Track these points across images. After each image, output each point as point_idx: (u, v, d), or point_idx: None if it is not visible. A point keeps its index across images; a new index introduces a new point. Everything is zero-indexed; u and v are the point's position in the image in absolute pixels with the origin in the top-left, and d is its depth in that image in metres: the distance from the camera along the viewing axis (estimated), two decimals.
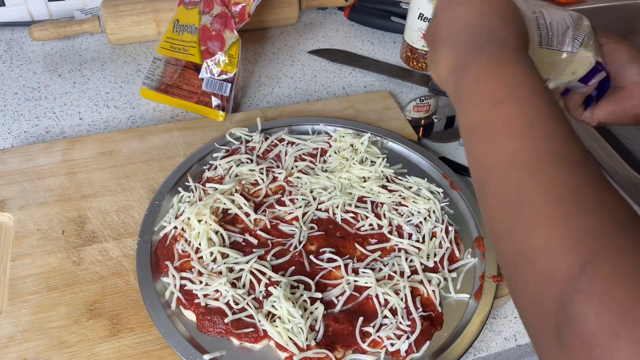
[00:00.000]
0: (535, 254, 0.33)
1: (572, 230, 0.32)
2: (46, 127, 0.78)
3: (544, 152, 0.36)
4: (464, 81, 0.43)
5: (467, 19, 0.47)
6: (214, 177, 0.67)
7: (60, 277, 0.58)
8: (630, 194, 0.73)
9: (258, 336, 0.53)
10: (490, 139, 0.39)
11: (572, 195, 0.34)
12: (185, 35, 0.80)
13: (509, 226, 0.36)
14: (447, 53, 0.47)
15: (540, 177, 0.35)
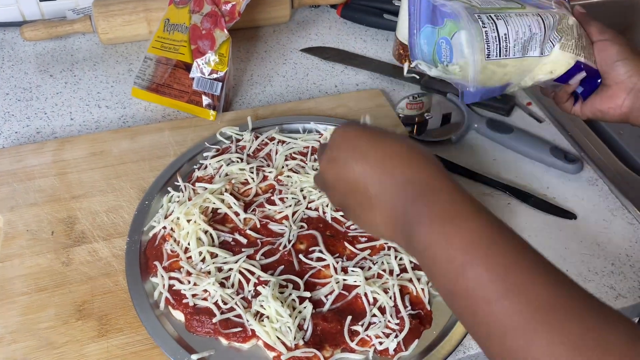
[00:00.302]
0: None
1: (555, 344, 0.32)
2: (37, 127, 0.78)
3: (533, 310, 0.34)
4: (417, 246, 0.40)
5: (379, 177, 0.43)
6: (203, 176, 0.67)
7: (49, 278, 0.58)
8: (621, 189, 0.73)
9: (246, 336, 0.53)
10: (471, 307, 0.36)
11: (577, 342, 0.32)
12: (176, 35, 0.79)
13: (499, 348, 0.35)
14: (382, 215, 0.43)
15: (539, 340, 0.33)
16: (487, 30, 0.58)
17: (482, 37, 0.57)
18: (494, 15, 0.59)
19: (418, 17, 0.65)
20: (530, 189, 0.73)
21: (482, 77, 0.60)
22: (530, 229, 0.68)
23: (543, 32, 0.60)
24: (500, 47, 0.58)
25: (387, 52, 0.95)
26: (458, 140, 0.78)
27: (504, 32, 0.58)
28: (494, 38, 0.58)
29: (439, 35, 0.63)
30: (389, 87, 0.88)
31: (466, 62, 0.60)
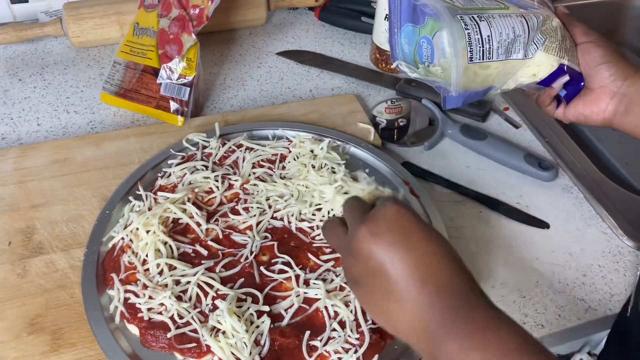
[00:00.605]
0: None
1: None
2: (2, 133, 0.76)
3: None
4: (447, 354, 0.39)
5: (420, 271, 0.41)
6: (166, 185, 0.66)
7: (2, 291, 0.57)
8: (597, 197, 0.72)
9: (201, 351, 0.51)
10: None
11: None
12: (144, 39, 0.78)
13: None
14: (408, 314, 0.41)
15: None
16: (470, 32, 0.56)
17: (464, 39, 0.56)
18: (476, 16, 0.57)
19: (398, 15, 0.64)
20: (504, 197, 0.71)
21: (465, 81, 0.58)
22: (501, 238, 0.67)
23: (527, 34, 0.58)
24: (484, 50, 0.57)
25: (365, 56, 0.94)
26: (431, 146, 0.77)
27: (487, 34, 0.57)
28: (477, 40, 0.56)
29: (420, 35, 0.62)
30: (364, 92, 0.87)
31: (448, 63, 0.58)
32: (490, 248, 0.66)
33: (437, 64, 0.61)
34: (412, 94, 0.83)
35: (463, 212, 0.69)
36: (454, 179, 0.73)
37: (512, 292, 0.62)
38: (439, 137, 0.77)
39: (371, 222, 0.43)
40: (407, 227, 0.42)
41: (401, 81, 0.85)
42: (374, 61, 0.91)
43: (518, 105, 0.85)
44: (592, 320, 0.60)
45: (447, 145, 0.78)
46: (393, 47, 0.65)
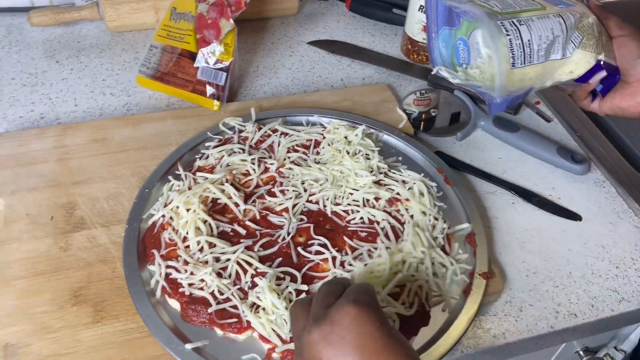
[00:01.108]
0: None
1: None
2: (41, 112, 0.78)
3: None
4: None
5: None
6: (205, 166, 0.67)
7: (46, 263, 0.58)
8: (629, 192, 0.72)
9: (241, 327, 0.52)
10: None
11: None
12: (182, 23, 0.79)
13: None
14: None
15: None
16: (511, 37, 0.56)
17: (506, 46, 0.56)
18: (516, 20, 0.57)
19: (435, 19, 0.64)
20: (536, 188, 0.72)
21: (507, 85, 0.59)
22: (533, 229, 0.67)
23: (565, 34, 0.59)
24: (525, 54, 0.57)
25: (395, 47, 0.95)
26: (464, 137, 0.77)
27: (528, 38, 0.57)
28: (518, 45, 0.57)
29: (456, 37, 0.62)
30: (395, 82, 0.87)
31: (484, 63, 0.59)
32: (523, 238, 0.66)
33: (474, 65, 0.61)
34: (444, 84, 0.84)
35: (496, 203, 0.70)
36: (486, 169, 0.73)
37: (544, 282, 0.62)
38: (471, 128, 0.78)
39: (325, 325, 0.39)
40: (364, 336, 0.38)
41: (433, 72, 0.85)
42: (405, 52, 0.92)
43: (549, 99, 0.85)
44: (626, 312, 0.60)
45: (479, 137, 0.78)
46: (431, 51, 0.66)
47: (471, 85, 0.62)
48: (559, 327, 0.58)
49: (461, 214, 0.65)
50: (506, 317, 0.59)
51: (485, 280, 0.58)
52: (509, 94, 0.60)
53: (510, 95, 0.61)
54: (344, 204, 0.64)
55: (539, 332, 0.58)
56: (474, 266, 0.59)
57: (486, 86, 0.60)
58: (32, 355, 0.51)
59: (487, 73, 0.61)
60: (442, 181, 0.68)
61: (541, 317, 0.59)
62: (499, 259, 0.64)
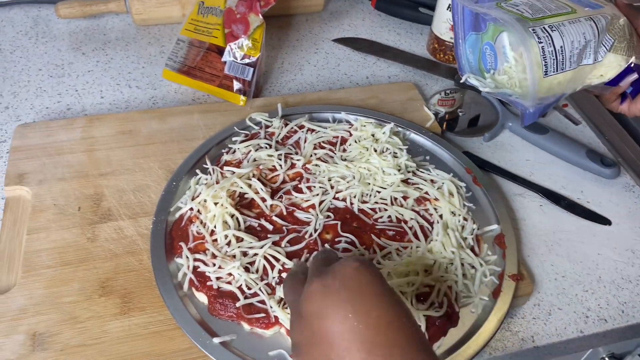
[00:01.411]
0: None
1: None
2: (68, 104, 0.78)
3: None
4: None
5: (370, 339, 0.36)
6: (232, 160, 0.66)
7: (74, 253, 0.58)
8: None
9: (269, 322, 0.52)
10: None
11: None
12: (210, 18, 0.79)
13: None
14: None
15: None
16: (544, 45, 0.55)
17: (539, 54, 0.55)
18: (548, 27, 0.56)
19: (462, 25, 0.63)
20: (564, 191, 0.71)
21: (539, 94, 0.58)
22: (562, 232, 0.66)
23: (597, 38, 0.58)
24: (557, 62, 0.56)
25: (422, 46, 0.94)
26: (491, 138, 0.76)
27: (560, 44, 0.56)
28: (550, 53, 0.56)
29: (482, 42, 0.62)
30: (422, 82, 0.87)
31: (511, 67, 0.58)
32: (551, 241, 0.65)
33: (502, 70, 0.60)
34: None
35: (524, 205, 0.69)
36: (514, 171, 0.72)
37: (574, 286, 0.61)
38: (499, 129, 0.77)
39: (326, 276, 0.39)
40: (362, 286, 0.38)
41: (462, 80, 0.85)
42: (432, 51, 0.91)
43: (577, 102, 0.84)
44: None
45: (506, 138, 0.77)
46: (459, 58, 0.65)
47: (501, 93, 0.61)
48: (589, 332, 0.58)
49: (490, 215, 0.64)
50: (535, 320, 0.58)
51: (514, 283, 0.57)
52: (540, 102, 0.59)
53: (542, 103, 0.60)
54: (371, 202, 0.63)
55: (568, 337, 0.57)
56: (503, 268, 0.58)
57: (516, 94, 0.59)
58: (59, 345, 0.51)
59: (515, 79, 0.60)
60: (471, 181, 0.67)
61: (570, 322, 0.58)
62: (527, 262, 0.63)
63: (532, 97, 0.57)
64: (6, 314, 0.53)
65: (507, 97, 0.61)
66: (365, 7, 1.02)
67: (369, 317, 0.36)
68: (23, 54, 0.86)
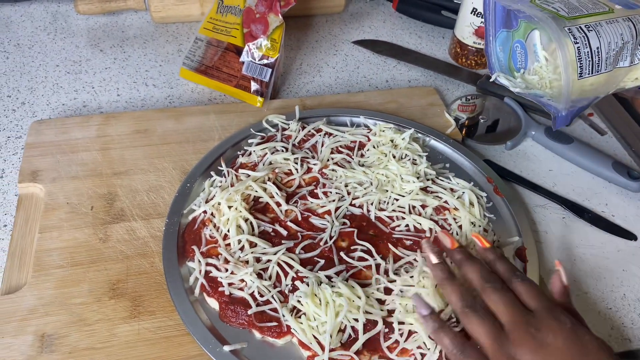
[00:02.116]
0: None
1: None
2: (84, 101, 0.78)
3: None
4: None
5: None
6: (247, 163, 0.65)
7: (85, 253, 0.57)
8: None
9: (281, 331, 0.51)
10: None
11: None
12: (229, 17, 0.78)
13: None
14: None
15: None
16: (579, 45, 0.53)
17: (574, 55, 0.53)
18: (584, 26, 0.54)
19: (493, 22, 0.61)
20: (588, 204, 0.69)
21: (573, 97, 0.56)
22: (585, 246, 0.64)
23: (635, 39, 0.55)
24: (592, 63, 0.54)
25: (443, 50, 0.92)
26: (513, 146, 0.74)
27: (597, 45, 0.54)
28: (586, 54, 0.53)
29: (513, 39, 0.59)
30: (442, 86, 0.85)
31: (541, 67, 0.56)
32: (574, 256, 0.63)
33: (532, 70, 0.58)
34: (494, 91, 0.81)
35: (546, 217, 0.67)
36: (536, 181, 0.70)
37: (597, 303, 0.59)
38: (521, 138, 0.75)
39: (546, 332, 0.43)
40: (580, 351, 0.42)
41: (482, 77, 0.83)
42: (454, 55, 0.89)
43: (603, 111, 0.82)
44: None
45: (529, 147, 0.75)
46: (489, 56, 0.63)
47: (532, 94, 0.59)
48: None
49: (511, 226, 0.62)
50: None
51: None
52: (572, 105, 0.57)
53: (574, 106, 0.58)
54: (388, 209, 0.62)
55: None
56: None
57: (547, 95, 0.57)
58: (67, 347, 0.50)
59: (546, 79, 0.58)
60: (492, 191, 0.65)
61: None
62: (549, 277, 0.61)
63: (565, 99, 0.55)
64: (16, 314, 0.52)
65: (538, 99, 0.59)
66: (386, 9, 1.01)
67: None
68: (41, 50, 0.85)
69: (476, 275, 0.49)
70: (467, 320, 0.46)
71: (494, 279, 0.48)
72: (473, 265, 0.50)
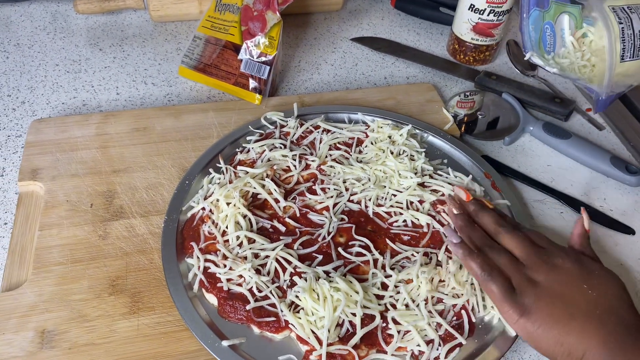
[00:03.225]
0: None
1: None
2: (84, 100, 0.78)
3: None
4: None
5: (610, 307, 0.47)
6: (245, 160, 0.66)
7: (85, 250, 0.57)
8: None
9: (279, 326, 0.51)
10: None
11: None
12: (227, 15, 0.78)
13: None
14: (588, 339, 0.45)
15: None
16: (624, 26, 0.52)
17: (619, 35, 0.52)
18: (626, 7, 0.53)
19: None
20: (586, 198, 0.69)
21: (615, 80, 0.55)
22: None
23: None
24: (635, 46, 0.53)
25: (441, 47, 0.92)
26: (511, 142, 0.74)
27: (639, 28, 0.53)
28: (629, 36, 0.52)
29: (544, 20, 0.58)
30: (441, 83, 0.85)
31: (569, 53, 0.55)
32: None
33: (560, 54, 0.57)
34: (492, 87, 0.81)
35: (544, 212, 0.67)
36: (534, 176, 0.70)
37: None
38: (519, 133, 0.75)
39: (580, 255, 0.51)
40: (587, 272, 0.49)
41: (481, 73, 0.83)
42: (452, 52, 0.89)
43: None
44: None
45: (527, 142, 0.75)
46: (523, 34, 0.61)
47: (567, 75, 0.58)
48: None
49: None
50: None
51: None
52: (612, 91, 0.56)
53: (613, 92, 0.56)
54: (386, 205, 0.62)
55: None
56: None
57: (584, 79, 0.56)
58: (67, 343, 0.50)
59: (575, 64, 0.57)
60: (490, 186, 0.66)
61: None
62: None
63: (607, 81, 0.54)
64: (16, 310, 0.52)
65: (575, 81, 0.58)
66: (385, 6, 1.01)
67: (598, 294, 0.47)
68: (41, 49, 0.86)
69: (490, 221, 0.55)
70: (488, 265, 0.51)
71: (506, 223, 0.55)
72: (487, 213, 0.56)
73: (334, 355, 0.49)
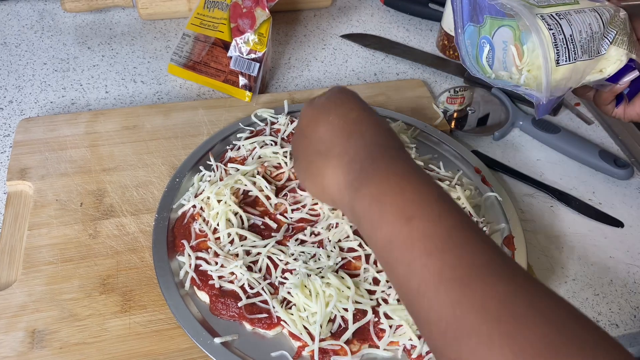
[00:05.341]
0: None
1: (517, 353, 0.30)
2: (72, 98, 0.77)
3: (469, 266, 0.35)
4: (364, 198, 0.41)
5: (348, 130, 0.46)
6: (236, 157, 0.65)
7: (75, 249, 0.57)
8: None
9: (271, 323, 0.51)
10: (409, 257, 0.37)
11: (508, 310, 0.32)
12: (216, 12, 0.78)
13: (454, 354, 0.33)
14: (334, 167, 0.45)
15: (472, 295, 0.33)
16: (554, 32, 0.53)
17: (550, 41, 0.53)
18: (555, 14, 0.54)
19: (460, 14, 0.61)
20: (575, 192, 0.69)
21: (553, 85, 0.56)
22: (572, 234, 0.65)
23: (601, 30, 0.56)
24: (569, 50, 0.54)
25: (431, 43, 0.92)
26: (501, 137, 0.75)
27: (569, 33, 0.54)
28: (561, 40, 0.54)
29: (480, 35, 0.59)
30: (430, 79, 0.85)
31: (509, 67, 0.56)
32: (561, 243, 0.64)
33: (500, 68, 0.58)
34: (482, 82, 0.81)
35: (533, 206, 0.67)
36: (524, 171, 0.71)
37: (584, 290, 0.60)
38: (509, 128, 0.75)
39: (315, 98, 0.51)
40: (344, 99, 0.49)
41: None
42: (441, 48, 0.89)
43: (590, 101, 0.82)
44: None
45: (516, 137, 0.76)
46: (460, 49, 0.62)
47: (509, 85, 0.60)
48: None
49: (499, 215, 0.62)
50: None
51: None
52: (552, 94, 0.57)
53: (553, 95, 0.58)
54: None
55: None
56: None
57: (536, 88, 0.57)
58: (58, 343, 0.50)
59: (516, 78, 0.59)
60: (480, 181, 0.66)
61: None
62: (537, 264, 0.61)
63: (545, 87, 0.55)
64: (6, 311, 0.52)
65: (516, 89, 0.59)
66: (374, 3, 1.01)
67: (347, 118, 0.47)
68: (28, 48, 0.85)
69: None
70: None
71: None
72: None
73: (326, 351, 0.49)
